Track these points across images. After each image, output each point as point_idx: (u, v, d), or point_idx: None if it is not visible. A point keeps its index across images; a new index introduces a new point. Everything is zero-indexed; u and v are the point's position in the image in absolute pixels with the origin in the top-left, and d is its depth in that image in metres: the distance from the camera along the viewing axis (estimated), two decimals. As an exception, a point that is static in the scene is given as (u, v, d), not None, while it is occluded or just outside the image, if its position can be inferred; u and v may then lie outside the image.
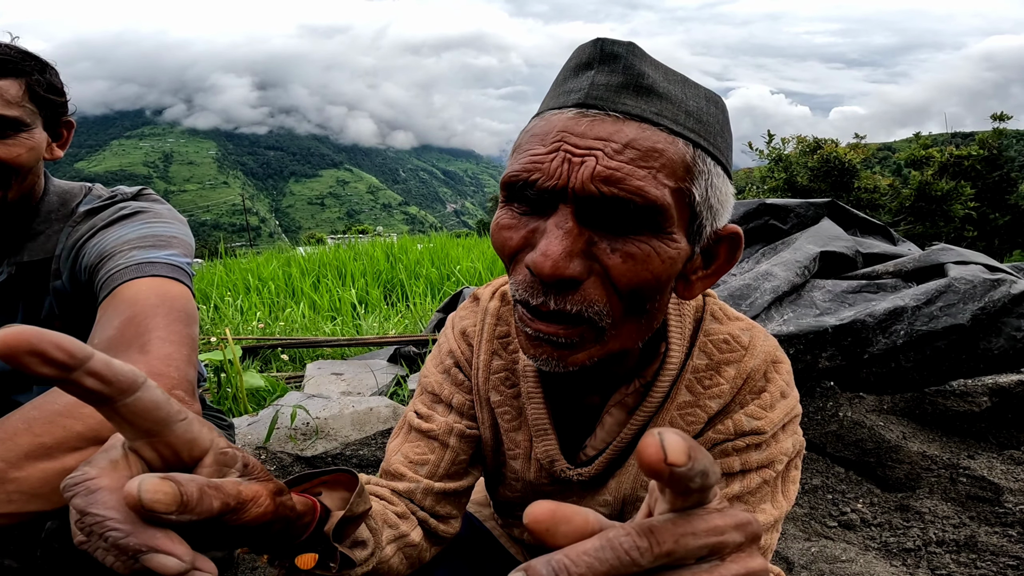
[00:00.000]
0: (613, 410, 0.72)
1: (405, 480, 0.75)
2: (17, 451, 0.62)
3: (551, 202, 0.54)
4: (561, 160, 0.53)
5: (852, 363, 2.11)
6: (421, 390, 0.82)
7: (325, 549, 0.53)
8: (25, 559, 0.99)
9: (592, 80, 0.55)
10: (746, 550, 0.31)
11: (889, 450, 2.02)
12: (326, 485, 0.58)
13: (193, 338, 0.84)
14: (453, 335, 0.81)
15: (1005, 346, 2.10)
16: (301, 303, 5.41)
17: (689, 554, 0.29)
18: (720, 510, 0.31)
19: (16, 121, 0.95)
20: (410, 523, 0.73)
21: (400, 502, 0.74)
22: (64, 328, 1.06)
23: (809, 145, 17.84)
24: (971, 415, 2.09)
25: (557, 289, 0.54)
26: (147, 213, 1.04)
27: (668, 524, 0.29)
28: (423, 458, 0.76)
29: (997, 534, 1.68)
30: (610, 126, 0.53)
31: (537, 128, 0.57)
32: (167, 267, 0.92)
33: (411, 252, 7.26)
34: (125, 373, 0.33)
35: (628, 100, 0.54)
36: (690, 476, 0.28)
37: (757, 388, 0.69)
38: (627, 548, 0.28)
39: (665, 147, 0.53)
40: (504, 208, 0.59)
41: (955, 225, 16.95)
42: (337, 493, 0.58)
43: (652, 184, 0.52)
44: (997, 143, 18.92)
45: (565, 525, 0.29)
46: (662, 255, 0.54)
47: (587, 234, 0.53)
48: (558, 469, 0.75)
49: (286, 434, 1.98)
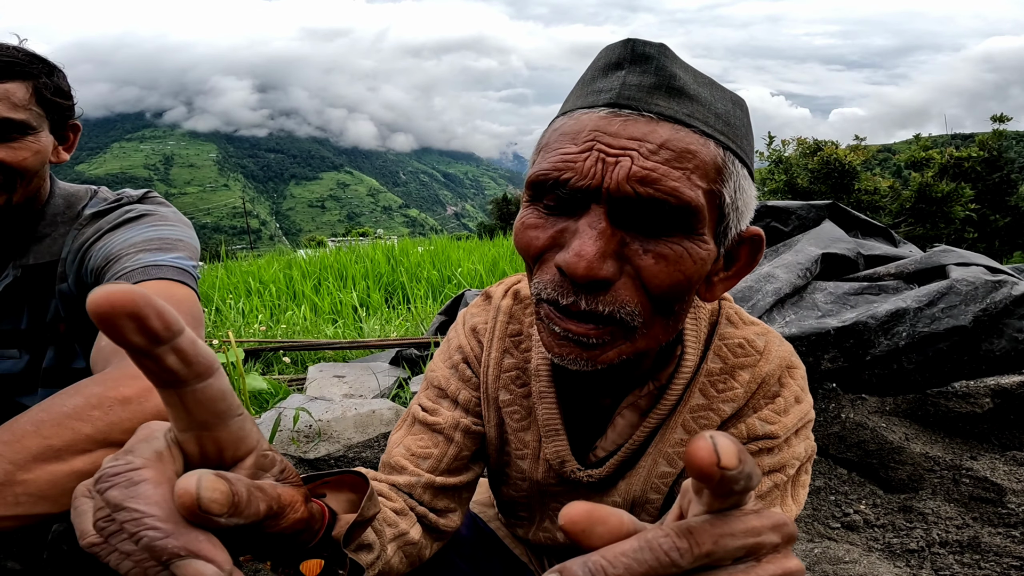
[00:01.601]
0: (625, 412, 0.72)
1: (406, 474, 0.74)
2: (25, 453, 0.62)
3: (583, 202, 0.54)
4: (595, 160, 0.52)
5: (854, 365, 2.11)
6: (427, 384, 0.82)
7: (332, 555, 0.50)
8: (30, 562, 0.99)
9: (623, 80, 0.55)
10: (782, 551, 0.31)
11: (892, 451, 2.02)
12: (329, 486, 0.55)
13: (199, 341, 0.85)
14: (464, 331, 0.81)
15: (1007, 347, 2.10)
16: (302, 306, 5.41)
17: (727, 555, 0.29)
18: (756, 511, 0.31)
19: (22, 124, 0.95)
20: (409, 520, 0.71)
21: (398, 498, 0.72)
22: (70, 331, 1.06)
23: (809, 147, 17.85)
24: (973, 416, 2.09)
25: (589, 290, 0.53)
26: (153, 216, 1.04)
27: (707, 525, 0.29)
28: (426, 451, 0.75)
29: (1000, 535, 1.68)
30: (644, 126, 0.52)
31: (566, 127, 0.56)
32: (173, 270, 0.92)
33: (412, 255, 7.27)
34: (206, 356, 0.31)
35: (661, 101, 0.54)
36: (738, 479, 0.28)
37: (771, 393, 0.69)
38: (667, 549, 0.28)
39: (698, 148, 0.53)
40: (529, 207, 0.58)
41: (955, 227, 16.95)
42: (342, 495, 0.55)
43: (687, 185, 0.52)
44: (997, 145, 18.94)
45: (601, 526, 0.29)
46: (694, 256, 0.54)
47: (619, 235, 0.53)
48: (568, 470, 0.74)
49: (289, 436, 1.98)
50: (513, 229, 0.61)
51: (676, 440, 0.71)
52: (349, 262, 6.93)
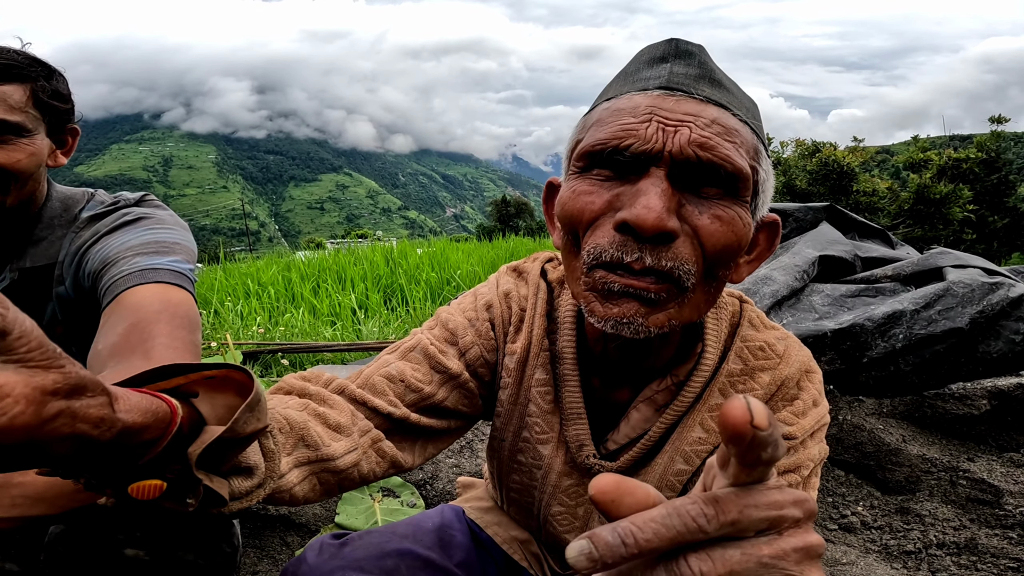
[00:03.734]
0: (641, 406, 0.73)
1: (382, 399, 0.69)
2: (22, 457, 0.63)
3: (644, 165, 0.57)
4: (656, 128, 0.57)
5: (851, 367, 2.11)
6: (437, 323, 0.78)
7: (183, 477, 0.40)
8: (28, 563, 0.99)
9: (671, 70, 0.61)
10: (803, 526, 0.32)
11: (889, 453, 2.02)
12: (210, 385, 0.45)
13: (196, 344, 0.85)
14: (498, 293, 0.79)
15: (1004, 349, 2.11)
16: (301, 308, 5.40)
17: (751, 525, 0.30)
18: (778, 487, 0.32)
19: (17, 126, 0.94)
20: (347, 442, 0.63)
21: (349, 409, 0.66)
22: (67, 334, 1.06)
23: (808, 148, 17.88)
24: (970, 418, 2.10)
25: (655, 242, 0.56)
26: (150, 219, 1.04)
27: (732, 496, 0.30)
28: (417, 384, 0.71)
29: (998, 536, 1.68)
30: (695, 106, 0.58)
31: (619, 104, 0.60)
32: (170, 273, 0.92)
33: (411, 257, 7.26)
34: None
35: (706, 88, 0.60)
36: (767, 443, 0.29)
37: (790, 396, 0.71)
38: (694, 515, 0.29)
39: (740, 128, 0.59)
40: (579, 178, 0.61)
41: (954, 228, 16.97)
42: (222, 397, 0.44)
43: (737, 155, 0.57)
44: (995, 146, 18.97)
45: (629, 497, 0.30)
46: (744, 220, 0.59)
47: (678, 196, 0.57)
48: (585, 455, 0.74)
49: (287, 439, 1.98)
50: (559, 201, 0.63)
51: (694, 439, 0.72)
52: (348, 264, 6.93)
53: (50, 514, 0.64)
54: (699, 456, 0.72)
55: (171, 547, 0.78)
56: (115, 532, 0.75)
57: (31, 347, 0.29)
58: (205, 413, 0.43)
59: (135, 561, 0.75)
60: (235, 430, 0.41)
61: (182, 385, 0.43)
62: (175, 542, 0.79)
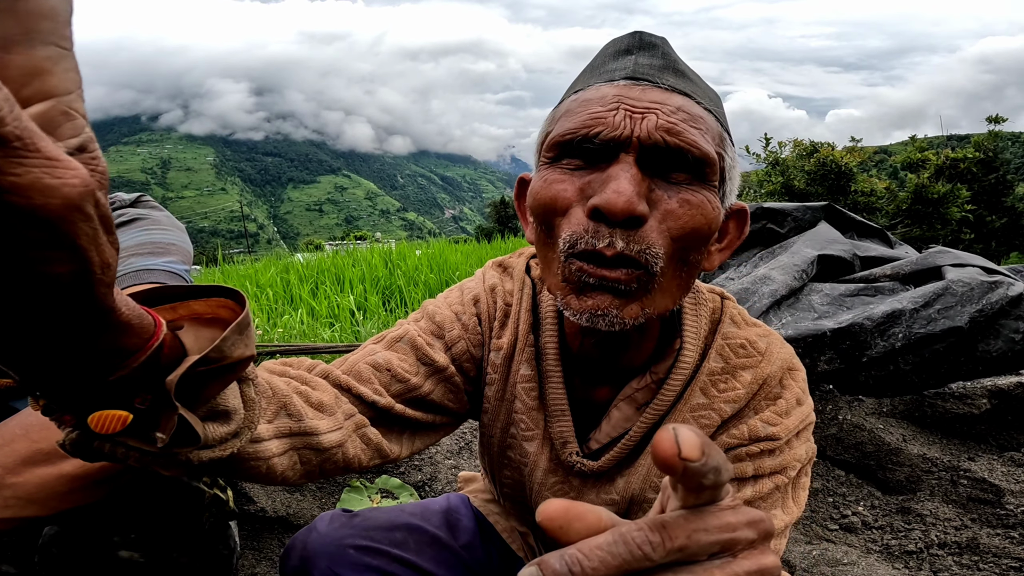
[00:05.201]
0: (621, 404, 0.73)
1: (367, 387, 0.67)
2: (14, 457, 0.62)
3: (613, 152, 0.58)
4: (624, 115, 0.58)
5: (851, 366, 2.11)
6: (424, 315, 0.77)
7: (152, 410, 0.36)
8: (22, 565, 0.98)
9: (636, 61, 0.63)
10: (758, 547, 0.31)
11: (889, 453, 2.02)
12: (198, 321, 0.42)
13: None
14: (484, 287, 0.79)
15: (1003, 348, 2.10)
16: (299, 310, 5.40)
17: (701, 550, 0.29)
18: (733, 507, 0.31)
19: None
20: (330, 420, 0.60)
21: (333, 392, 0.64)
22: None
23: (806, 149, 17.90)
24: (971, 417, 2.09)
25: (625, 226, 0.57)
26: (145, 220, 1.04)
27: (680, 520, 0.29)
28: (404, 374, 0.70)
29: (999, 536, 1.68)
30: (661, 94, 0.59)
31: (587, 95, 0.61)
32: (165, 274, 0.92)
33: (410, 258, 7.26)
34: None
35: (670, 78, 0.62)
36: (703, 472, 0.28)
37: (773, 395, 0.70)
38: (639, 543, 0.28)
39: (705, 116, 0.60)
40: (549, 168, 0.62)
41: (952, 228, 17.00)
42: (209, 331, 0.41)
43: (703, 140, 0.58)
44: (993, 146, 19.01)
45: (578, 522, 0.30)
46: (712, 205, 0.60)
47: (647, 181, 0.58)
48: (568, 452, 0.74)
49: (285, 440, 1.97)
50: (531, 192, 0.64)
51: None
52: (347, 266, 6.92)
53: (42, 515, 0.63)
54: None
55: (166, 549, 0.77)
56: (110, 534, 0.74)
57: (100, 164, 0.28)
58: (188, 345, 0.39)
59: (129, 563, 0.74)
60: (222, 350, 0.38)
61: (171, 321, 0.40)
62: (170, 544, 0.78)
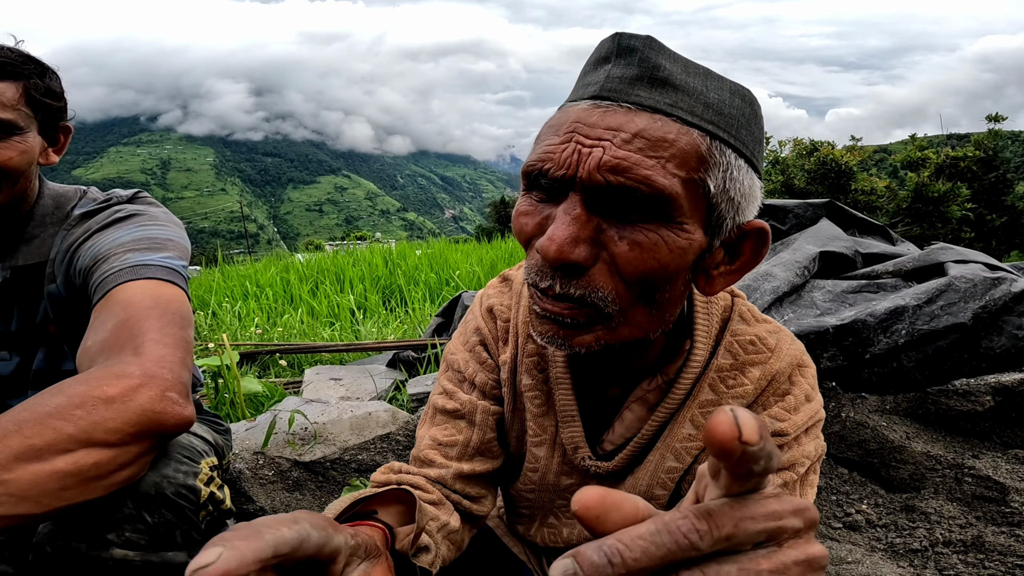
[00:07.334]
0: (633, 406, 0.72)
1: (435, 466, 0.76)
2: (7, 453, 0.61)
3: (562, 190, 0.56)
4: (572, 150, 0.54)
5: (853, 363, 2.10)
6: (446, 367, 0.82)
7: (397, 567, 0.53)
8: (17, 563, 0.97)
9: (608, 73, 0.57)
10: (804, 536, 0.30)
11: (893, 450, 2.01)
12: (377, 502, 0.61)
13: (188, 341, 0.83)
14: (480, 312, 0.81)
15: (1007, 345, 2.09)
16: (299, 309, 5.39)
17: (748, 539, 0.28)
18: (776, 495, 0.29)
19: (9, 124, 0.94)
20: (447, 510, 0.73)
21: (433, 489, 0.74)
22: (60, 333, 1.05)
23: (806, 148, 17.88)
24: (974, 414, 2.08)
25: (563, 273, 0.55)
26: (142, 216, 1.03)
27: (726, 508, 0.28)
28: (452, 439, 0.76)
29: (1004, 534, 1.67)
30: (621, 117, 0.54)
31: (554, 120, 0.59)
32: (162, 270, 0.91)
33: (410, 258, 7.25)
34: None
35: (642, 92, 0.55)
36: (758, 457, 0.27)
37: (782, 390, 0.69)
38: (685, 531, 0.27)
39: (676, 137, 0.53)
40: (524, 196, 0.61)
41: (952, 227, 16.99)
42: (391, 508, 0.61)
43: (660, 173, 0.52)
44: (993, 144, 19.00)
45: (615, 512, 0.28)
46: (670, 244, 0.54)
47: (595, 221, 0.54)
48: (580, 456, 0.74)
49: (284, 439, 1.96)
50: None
51: (684, 435, 0.71)
52: (347, 266, 6.91)
53: (36, 513, 0.62)
54: (690, 453, 0.71)
55: (161, 548, 0.76)
56: (104, 532, 0.73)
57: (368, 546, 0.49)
58: (387, 520, 0.58)
59: (124, 563, 0.73)
60: (421, 526, 0.57)
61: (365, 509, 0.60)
62: (165, 543, 0.77)
